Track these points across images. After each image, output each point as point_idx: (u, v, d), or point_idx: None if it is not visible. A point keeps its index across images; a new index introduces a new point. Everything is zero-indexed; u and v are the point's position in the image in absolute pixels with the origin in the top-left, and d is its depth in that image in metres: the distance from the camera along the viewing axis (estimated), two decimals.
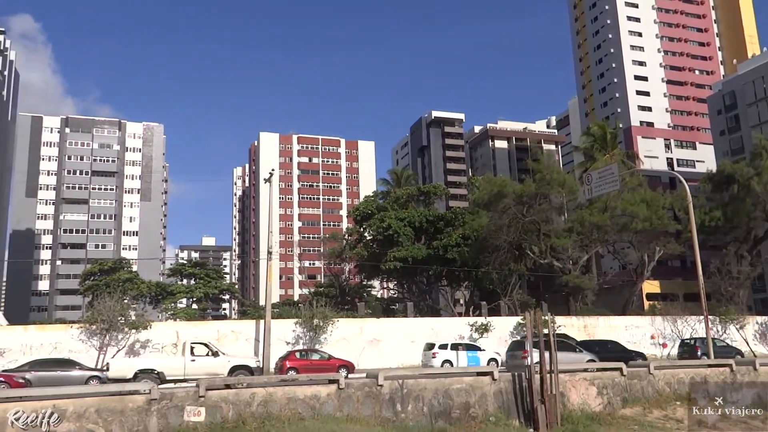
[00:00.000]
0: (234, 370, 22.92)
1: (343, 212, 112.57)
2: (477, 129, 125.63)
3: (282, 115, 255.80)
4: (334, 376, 13.96)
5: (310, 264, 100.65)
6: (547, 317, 33.20)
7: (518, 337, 37.24)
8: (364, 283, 64.63)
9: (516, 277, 49.79)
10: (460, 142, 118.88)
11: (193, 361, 23.12)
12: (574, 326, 37.66)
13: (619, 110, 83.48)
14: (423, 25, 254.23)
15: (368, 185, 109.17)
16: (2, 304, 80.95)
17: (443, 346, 30.83)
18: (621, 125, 72.91)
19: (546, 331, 20.04)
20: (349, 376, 20.34)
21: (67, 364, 25.54)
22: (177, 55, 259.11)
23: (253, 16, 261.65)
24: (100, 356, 29.49)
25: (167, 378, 21.47)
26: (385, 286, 69.04)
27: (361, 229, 60.32)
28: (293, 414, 12.49)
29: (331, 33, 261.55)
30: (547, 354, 15.27)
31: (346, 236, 67.83)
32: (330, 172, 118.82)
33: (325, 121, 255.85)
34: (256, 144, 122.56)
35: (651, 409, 16.55)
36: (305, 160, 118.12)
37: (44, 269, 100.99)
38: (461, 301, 64.17)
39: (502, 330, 36.97)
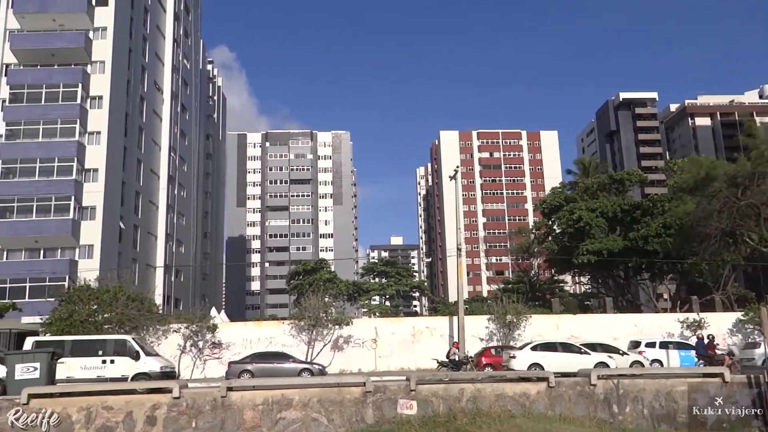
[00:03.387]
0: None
1: (529, 206, 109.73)
2: (673, 107, 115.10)
3: (461, 112, 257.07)
4: (543, 373, 13.47)
5: (496, 260, 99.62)
6: None
7: (739, 335, 33.45)
8: (555, 278, 62.32)
9: (730, 268, 44.58)
10: (654, 124, 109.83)
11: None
12: None
13: None
14: None
15: (553, 176, 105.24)
16: (223, 304, 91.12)
17: (650, 344, 28.57)
18: None
19: None
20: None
21: (283, 356, 27.88)
22: (355, 65, 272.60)
23: (425, 14, 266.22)
24: (309, 350, 31.80)
25: None
26: (578, 281, 65.92)
27: (550, 222, 58.15)
28: (503, 411, 12.27)
29: (503, 21, 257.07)
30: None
31: (534, 230, 65.95)
32: (512, 166, 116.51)
33: (504, 114, 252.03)
34: (436, 143, 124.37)
35: None
36: (486, 155, 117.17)
37: (255, 271, 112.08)
38: (665, 296, 59.15)
39: (717, 327, 33.39)
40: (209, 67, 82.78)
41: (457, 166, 37.98)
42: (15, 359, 15.08)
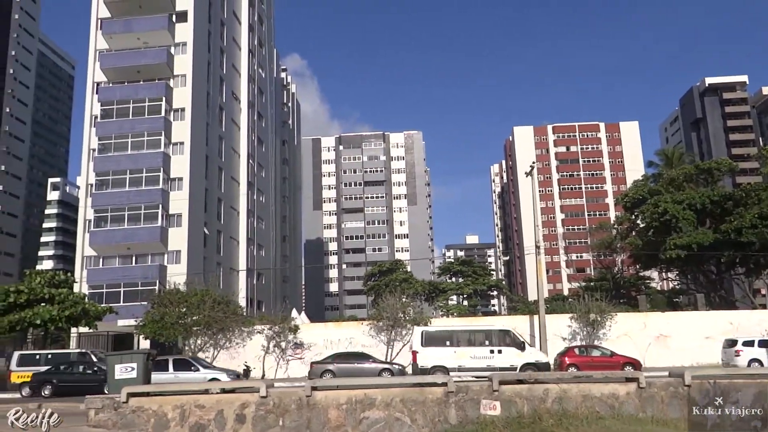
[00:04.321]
0: None
1: (609, 200, 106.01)
2: (766, 91, 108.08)
3: (535, 107, 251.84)
4: (632, 373, 12.97)
5: (577, 257, 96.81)
6: None
7: None
8: (641, 274, 59.88)
9: None
10: (745, 108, 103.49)
11: None
12: None
13: None
14: None
15: (635, 169, 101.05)
16: (303, 305, 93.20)
17: (748, 343, 26.93)
18: None
19: None
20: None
21: (363, 357, 28.22)
22: (424, 65, 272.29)
23: (494, 11, 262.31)
24: (388, 350, 31.97)
25: None
26: (665, 277, 63.09)
27: (633, 217, 55.94)
28: (591, 412, 11.89)
29: (574, 12, 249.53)
30: None
31: (616, 225, 63.62)
32: (591, 159, 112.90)
33: (580, 107, 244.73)
34: (510, 139, 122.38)
35: None
36: (562, 149, 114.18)
37: (333, 273, 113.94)
38: (763, 291, 55.67)
39: None
40: (283, 75, 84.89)
41: (533, 162, 37.13)
42: (114, 360, 16.00)
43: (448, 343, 23.55)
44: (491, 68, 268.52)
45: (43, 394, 24.15)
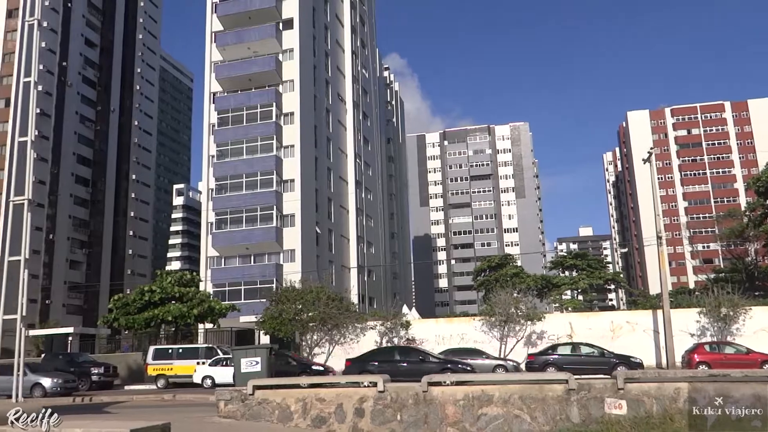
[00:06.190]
0: None
1: (739, 185, 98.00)
2: None
3: (649, 90, 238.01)
4: None
5: (703, 247, 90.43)
6: None
7: None
8: None
9: None
10: None
11: None
12: None
13: None
14: None
15: None
16: (413, 301, 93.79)
17: None
18: None
19: None
20: None
21: (476, 353, 27.90)
22: (525, 54, 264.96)
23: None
24: (501, 346, 31.44)
25: None
26: None
27: (767, 202, 51.45)
28: None
29: None
30: None
31: (747, 212, 58.76)
32: (715, 142, 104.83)
33: (700, 86, 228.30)
34: (624, 125, 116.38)
35: None
36: (683, 133, 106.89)
37: (442, 269, 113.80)
38: None
39: None
40: (385, 74, 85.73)
41: (651, 148, 35.04)
42: (240, 354, 16.88)
43: None
44: (598, 51, 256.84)
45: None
